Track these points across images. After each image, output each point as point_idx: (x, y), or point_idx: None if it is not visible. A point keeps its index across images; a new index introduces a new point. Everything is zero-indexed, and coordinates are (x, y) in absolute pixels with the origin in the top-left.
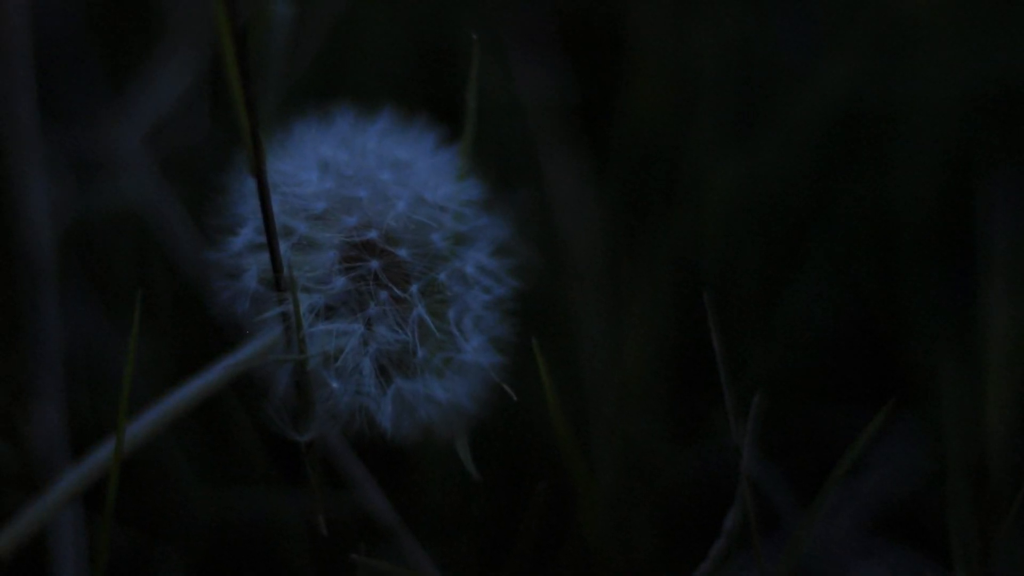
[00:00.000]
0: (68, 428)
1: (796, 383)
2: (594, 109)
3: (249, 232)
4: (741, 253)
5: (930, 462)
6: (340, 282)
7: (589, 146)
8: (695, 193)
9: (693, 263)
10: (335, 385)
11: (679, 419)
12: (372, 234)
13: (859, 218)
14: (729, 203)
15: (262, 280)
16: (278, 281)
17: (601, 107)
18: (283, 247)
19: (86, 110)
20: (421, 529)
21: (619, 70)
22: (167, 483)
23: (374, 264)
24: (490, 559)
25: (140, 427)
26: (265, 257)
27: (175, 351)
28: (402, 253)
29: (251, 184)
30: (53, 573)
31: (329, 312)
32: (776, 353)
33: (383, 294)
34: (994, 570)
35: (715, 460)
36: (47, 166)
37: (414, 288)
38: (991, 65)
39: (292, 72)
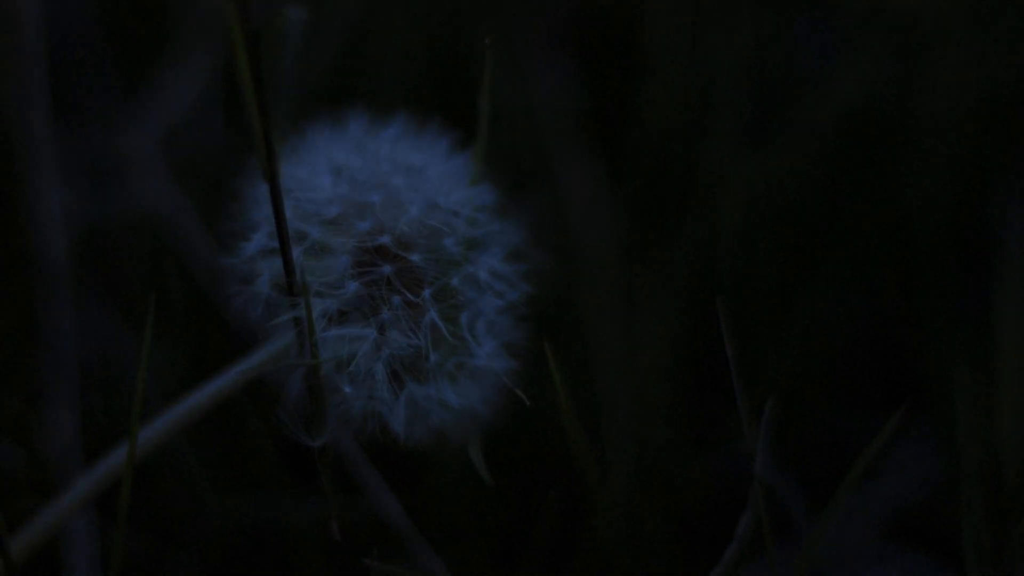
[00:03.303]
0: (81, 433)
1: (810, 388)
2: (608, 114)
3: (262, 237)
4: (756, 258)
5: (944, 467)
6: (353, 287)
7: (603, 151)
8: (710, 198)
9: (707, 268)
10: (348, 390)
11: (693, 424)
12: (385, 239)
13: (874, 223)
14: (744, 208)
15: (275, 285)
16: (291, 286)
17: (615, 112)
18: (296, 252)
19: (100, 115)
20: (434, 534)
21: (633, 75)
22: (180, 488)
23: (387, 269)
24: (503, 564)
25: (153, 432)
26: (278, 262)
27: (188, 356)
28: (415, 258)
29: (264, 189)
30: None
31: (342, 317)
32: (790, 358)
33: (396, 299)
34: (1007, 575)
35: (729, 465)
36: (61, 171)
37: (427, 293)
38: (1007, 71)
39: (305, 77)
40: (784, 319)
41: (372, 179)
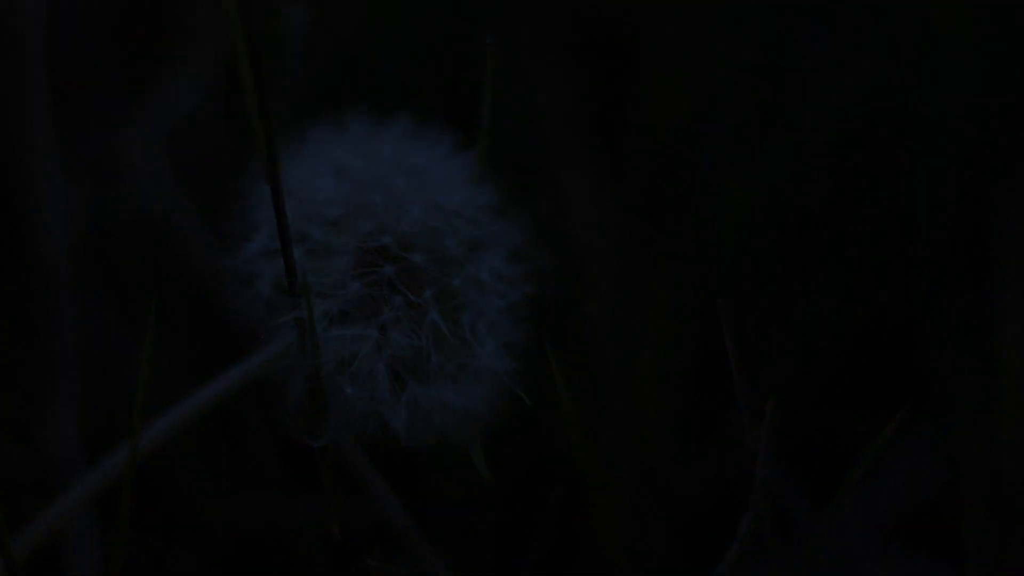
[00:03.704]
0: (83, 434)
1: (811, 389)
2: (610, 115)
3: (264, 238)
4: (757, 259)
5: (945, 468)
6: (354, 287)
7: (605, 152)
8: (711, 199)
9: (707, 268)
10: (349, 391)
11: (694, 424)
12: (387, 240)
13: (874, 224)
14: (745, 210)
15: (277, 286)
16: (292, 287)
17: (617, 113)
18: (298, 253)
19: (101, 115)
20: (436, 535)
21: (635, 76)
22: (181, 489)
23: (388, 269)
24: (505, 565)
25: (154, 433)
26: (280, 263)
27: (190, 357)
28: (417, 259)
29: (266, 189)
30: None
31: (343, 318)
32: (790, 358)
33: (397, 299)
34: (1008, 575)
35: (730, 466)
36: (62, 171)
37: (428, 293)
38: (1008, 72)
39: (307, 78)
40: (784, 319)
41: (374, 180)
